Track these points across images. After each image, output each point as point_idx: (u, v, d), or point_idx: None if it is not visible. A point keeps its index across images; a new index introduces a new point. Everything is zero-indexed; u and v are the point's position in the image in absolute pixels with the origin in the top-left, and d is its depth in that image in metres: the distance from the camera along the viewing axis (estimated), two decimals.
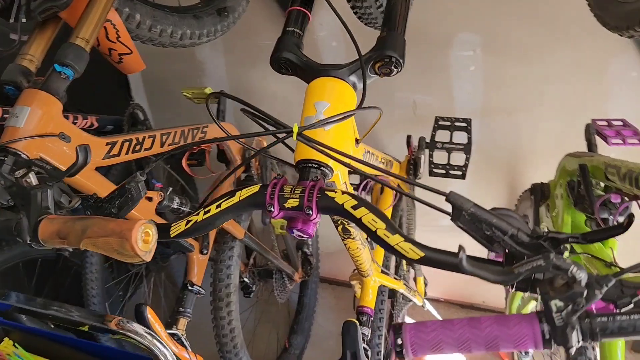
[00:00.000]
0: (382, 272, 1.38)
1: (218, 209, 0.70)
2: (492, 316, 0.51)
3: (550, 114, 1.79)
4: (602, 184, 1.21)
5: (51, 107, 0.91)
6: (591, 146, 1.45)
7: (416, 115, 1.92)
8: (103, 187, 1.06)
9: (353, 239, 1.04)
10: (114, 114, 1.74)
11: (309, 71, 0.81)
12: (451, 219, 0.59)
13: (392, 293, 1.65)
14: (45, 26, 1.03)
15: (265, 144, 1.70)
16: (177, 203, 1.22)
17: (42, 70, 1.01)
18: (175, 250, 2.08)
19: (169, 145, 1.26)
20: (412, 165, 1.55)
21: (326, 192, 0.66)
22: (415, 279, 1.86)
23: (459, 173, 1.44)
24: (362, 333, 1.26)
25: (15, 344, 1.06)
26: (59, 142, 0.93)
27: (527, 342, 0.49)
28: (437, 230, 2.02)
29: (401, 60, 0.78)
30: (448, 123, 1.10)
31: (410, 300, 1.72)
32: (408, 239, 0.61)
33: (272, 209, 0.67)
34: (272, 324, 2.22)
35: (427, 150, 1.49)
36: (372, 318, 1.32)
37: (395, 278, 1.43)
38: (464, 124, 1.11)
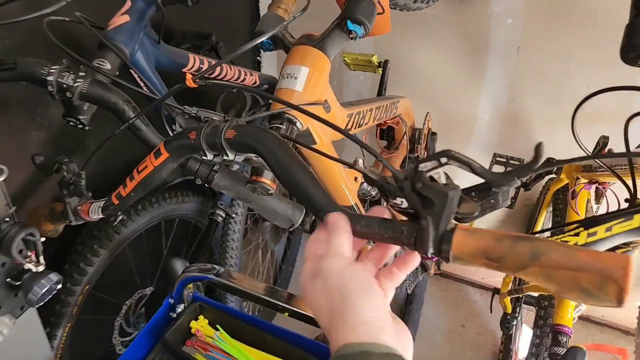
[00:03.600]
0: None
1: None
2: None
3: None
4: None
5: (325, 70, 0.78)
6: None
7: None
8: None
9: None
10: None
11: None
12: None
13: None
14: None
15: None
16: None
17: None
18: None
19: (376, 119, 1.13)
20: None
21: None
22: None
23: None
24: None
25: (217, 326, 0.97)
26: (322, 111, 0.80)
27: None
28: None
29: None
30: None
31: None
32: None
33: None
34: None
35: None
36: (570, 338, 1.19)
37: None
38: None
